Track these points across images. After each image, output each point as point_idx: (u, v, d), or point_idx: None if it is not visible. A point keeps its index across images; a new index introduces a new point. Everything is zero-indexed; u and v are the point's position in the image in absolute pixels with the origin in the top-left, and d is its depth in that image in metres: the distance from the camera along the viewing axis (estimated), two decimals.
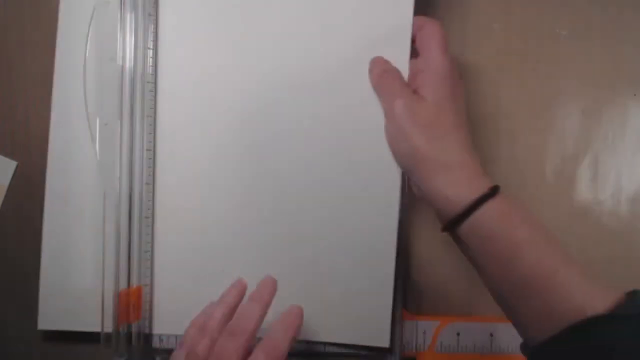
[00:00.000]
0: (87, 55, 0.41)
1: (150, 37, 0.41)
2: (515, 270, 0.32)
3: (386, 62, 0.39)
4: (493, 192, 0.33)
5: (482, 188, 0.33)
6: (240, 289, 0.37)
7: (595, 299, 0.30)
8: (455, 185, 0.34)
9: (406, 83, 0.38)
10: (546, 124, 0.45)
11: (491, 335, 0.43)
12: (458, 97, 0.37)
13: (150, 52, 0.41)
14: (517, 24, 0.45)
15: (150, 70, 0.41)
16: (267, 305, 0.36)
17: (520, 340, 0.35)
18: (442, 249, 0.44)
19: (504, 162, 0.44)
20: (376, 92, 0.39)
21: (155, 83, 0.42)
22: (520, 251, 0.32)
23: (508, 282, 0.33)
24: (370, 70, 0.39)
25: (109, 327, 0.39)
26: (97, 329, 0.40)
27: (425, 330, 0.43)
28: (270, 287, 0.36)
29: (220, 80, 0.42)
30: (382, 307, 0.40)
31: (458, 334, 0.43)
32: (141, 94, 0.41)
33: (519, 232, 0.32)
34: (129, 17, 0.40)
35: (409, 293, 0.44)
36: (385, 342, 0.41)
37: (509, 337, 0.43)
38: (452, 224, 0.34)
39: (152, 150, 0.42)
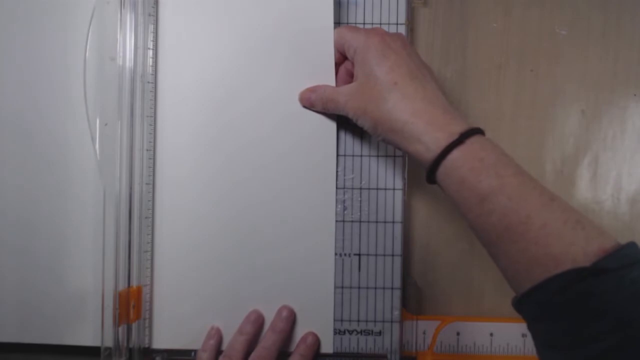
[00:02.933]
0: (87, 55, 0.41)
1: (150, 37, 0.41)
2: (488, 219, 0.31)
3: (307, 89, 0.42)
4: (462, 138, 0.32)
5: (452, 135, 0.33)
6: (257, 318, 0.41)
7: (576, 248, 0.29)
8: (418, 140, 0.34)
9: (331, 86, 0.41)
10: (546, 124, 0.45)
11: (491, 334, 0.43)
12: (388, 57, 0.36)
13: (150, 52, 0.41)
14: (517, 23, 0.45)
15: (150, 70, 0.41)
16: (286, 333, 0.41)
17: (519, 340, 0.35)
18: (443, 249, 0.44)
19: None
20: (320, 105, 0.41)
21: (155, 83, 0.42)
22: (490, 200, 0.31)
23: (484, 229, 0.32)
24: (301, 99, 0.42)
25: (109, 327, 0.39)
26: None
27: (426, 330, 0.43)
28: (287, 316, 0.41)
29: (220, 80, 0.42)
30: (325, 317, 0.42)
31: (458, 334, 0.43)
32: (141, 94, 0.41)
33: (487, 181, 0.31)
34: (129, 17, 0.40)
35: (409, 293, 0.44)
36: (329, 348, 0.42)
37: (509, 337, 0.43)
38: (429, 175, 0.34)
39: (152, 150, 0.42)
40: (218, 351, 0.41)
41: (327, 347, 0.42)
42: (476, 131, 0.33)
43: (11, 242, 0.42)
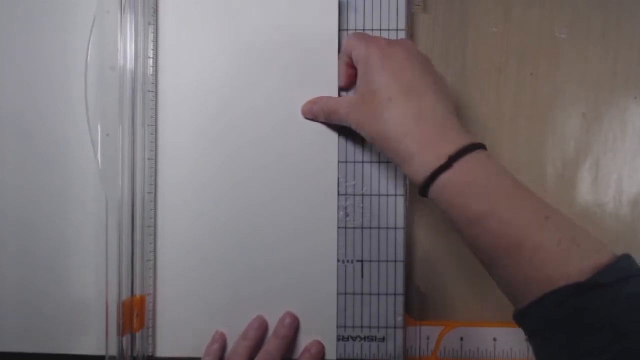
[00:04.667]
0: (87, 65, 0.41)
1: (151, 46, 0.41)
2: (480, 240, 0.31)
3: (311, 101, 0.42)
4: (450, 162, 0.32)
5: (440, 157, 0.32)
6: (261, 324, 0.41)
7: (571, 268, 0.29)
8: (410, 161, 0.33)
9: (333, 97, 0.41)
10: (547, 128, 0.45)
11: (495, 340, 0.43)
12: (386, 69, 0.35)
13: (150, 61, 0.41)
14: (517, 27, 0.45)
15: (151, 79, 0.41)
16: (289, 339, 0.41)
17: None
18: (446, 254, 0.44)
19: (505, 164, 0.44)
20: (322, 117, 0.41)
21: (156, 92, 0.42)
22: (480, 223, 0.31)
23: (478, 249, 0.32)
24: (304, 112, 0.42)
25: (113, 337, 0.40)
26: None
27: (429, 336, 0.43)
28: (290, 323, 0.41)
29: (221, 87, 0.42)
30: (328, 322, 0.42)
31: (462, 339, 0.43)
32: (142, 103, 0.41)
33: (476, 206, 0.31)
34: (129, 26, 0.40)
35: (412, 299, 0.44)
36: (332, 355, 0.42)
37: (512, 342, 0.43)
38: (421, 193, 0.34)
39: (154, 159, 0.42)
40: (222, 356, 0.41)
41: (330, 354, 0.42)
42: (469, 149, 0.32)
43: (12, 250, 0.42)
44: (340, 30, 0.42)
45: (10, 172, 0.42)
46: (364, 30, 0.42)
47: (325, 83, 0.41)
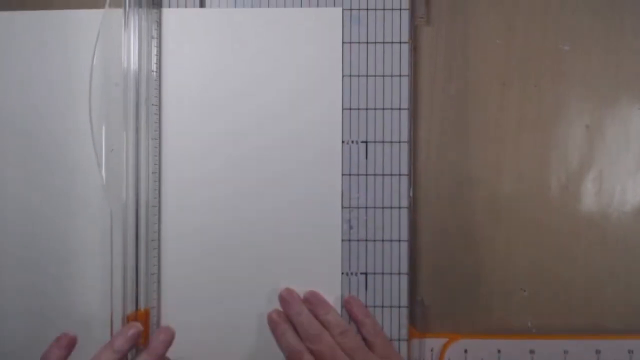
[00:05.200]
0: (91, 81, 0.41)
1: (154, 60, 0.41)
2: None
3: None
4: None
5: None
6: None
7: None
8: None
9: None
10: (550, 139, 0.45)
11: (499, 351, 0.43)
12: None
13: (154, 75, 0.41)
14: (520, 39, 0.45)
15: (154, 92, 0.41)
16: (123, 354, 0.38)
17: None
18: (449, 266, 0.44)
19: (509, 176, 0.44)
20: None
21: (160, 106, 0.42)
22: None
23: None
24: None
25: None
26: None
27: (433, 348, 0.43)
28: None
29: (225, 100, 0.42)
30: None
31: (466, 351, 0.43)
32: (146, 117, 0.41)
33: None
34: (132, 42, 0.40)
35: (416, 311, 0.44)
36: None
37: (516, 354, 0.43)
38: None
39: (157, 173, 0.42)
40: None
41: None
42: None
43: (16, 266, 0.43)
44: (343, 42, 0.42)
45: (15, 187, 0.43)
46: (367, 42, 0.42)
47: (329, 95, 0.42)
